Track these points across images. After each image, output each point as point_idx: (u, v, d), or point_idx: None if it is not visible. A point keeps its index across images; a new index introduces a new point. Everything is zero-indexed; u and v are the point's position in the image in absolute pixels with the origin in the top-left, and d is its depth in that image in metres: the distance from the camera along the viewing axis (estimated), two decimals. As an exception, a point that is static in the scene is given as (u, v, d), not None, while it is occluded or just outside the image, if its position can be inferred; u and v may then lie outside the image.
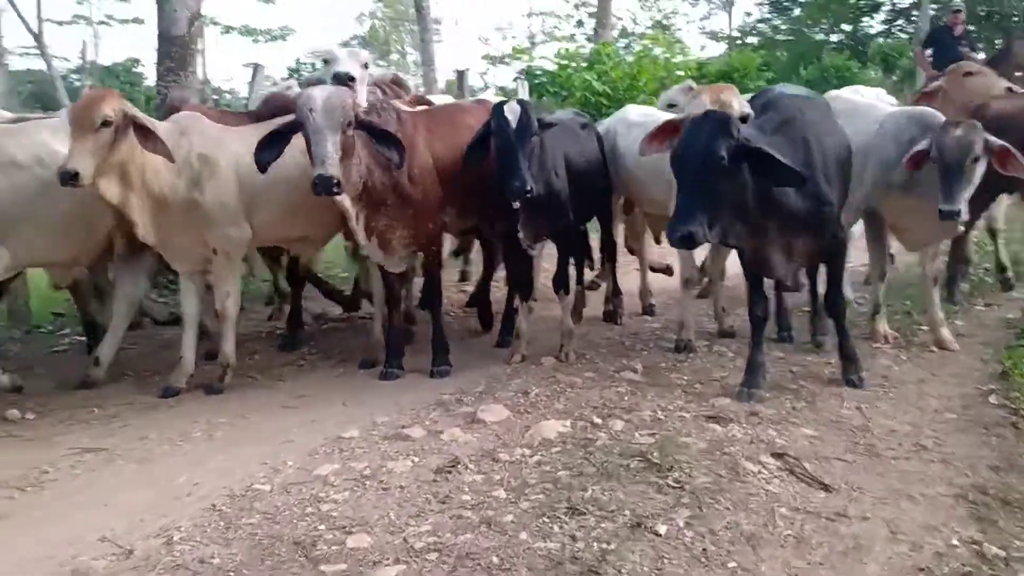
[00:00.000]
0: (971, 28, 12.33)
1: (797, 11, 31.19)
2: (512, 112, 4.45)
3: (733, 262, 5.06)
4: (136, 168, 4.37)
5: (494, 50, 39.21)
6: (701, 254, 5.80)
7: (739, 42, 33.93)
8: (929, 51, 9.65)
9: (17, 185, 4.42)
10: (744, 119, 4.22)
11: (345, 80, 4.36)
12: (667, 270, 6.78)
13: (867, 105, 5.47)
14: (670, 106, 6.78)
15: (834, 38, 29.95)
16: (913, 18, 26.76)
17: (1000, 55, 8.34)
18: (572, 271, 5.58)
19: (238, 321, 5.02)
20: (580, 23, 32.93)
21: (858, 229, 5.34)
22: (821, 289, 4.78)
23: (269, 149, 4.19)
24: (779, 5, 32.07)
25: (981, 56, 8.99)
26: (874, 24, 30.16)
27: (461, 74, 11.48)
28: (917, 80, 13.72)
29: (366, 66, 4.80)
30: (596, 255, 6.59)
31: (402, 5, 36.62)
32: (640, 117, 5.86)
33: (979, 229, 6.64)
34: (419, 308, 6.03)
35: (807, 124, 4.07)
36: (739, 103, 4.64)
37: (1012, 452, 3.53)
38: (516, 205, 4.49)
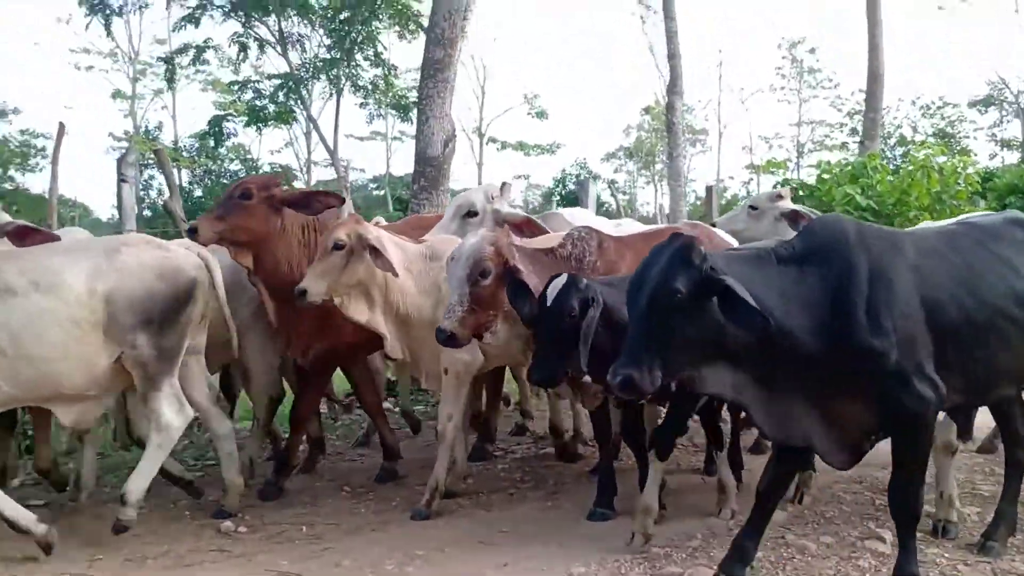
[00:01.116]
0: None
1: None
2: (553, 288, 3.78)
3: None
4: (378, 287, 4.56)
5: (758, 159, 38.36)
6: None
7: (1036, 151, 30.74)
8: None
9: (10, 311, 3.98)
10: None
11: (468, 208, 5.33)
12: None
13: None
14: (752, 208, 6.17)
15: None
16: None
17: None
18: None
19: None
20: (854, 131, 31.46)
21: None
22: None
23: None
24: (1088, 108, 28.63)
25: None
26: None
27: (710, 190, 11.14)
28: None
29: (492, 199, 5.22)
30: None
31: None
32: None
33: None
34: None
35: (846, 256, 3.17)
36: None
37: None
38: None
